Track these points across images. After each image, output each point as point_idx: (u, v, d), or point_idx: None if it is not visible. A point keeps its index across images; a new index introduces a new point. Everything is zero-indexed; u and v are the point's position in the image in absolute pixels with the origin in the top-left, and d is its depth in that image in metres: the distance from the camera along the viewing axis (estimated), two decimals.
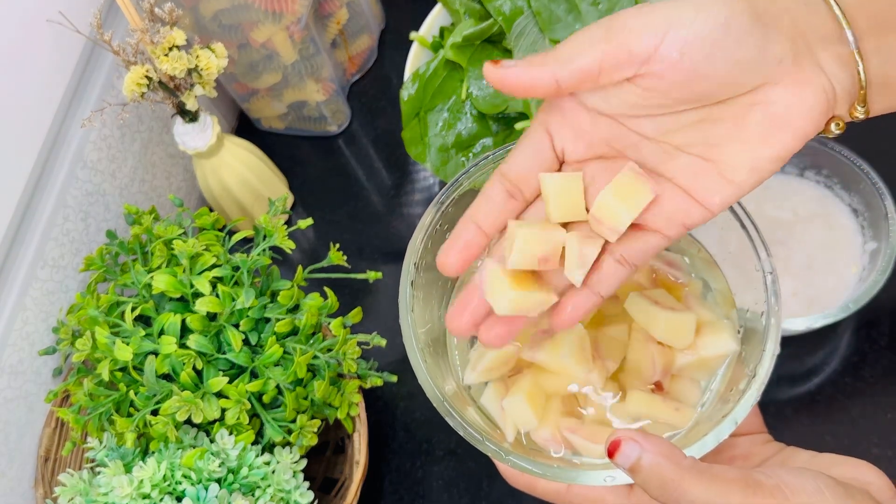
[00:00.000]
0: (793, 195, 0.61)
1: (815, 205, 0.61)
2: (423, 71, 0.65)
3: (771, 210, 0.60)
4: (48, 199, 0.60)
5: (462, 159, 0.63)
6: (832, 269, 0.58)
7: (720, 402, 0.40)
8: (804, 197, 0.61)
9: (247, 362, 0.53)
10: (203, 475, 0.50)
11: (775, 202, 0.60)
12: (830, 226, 0.60)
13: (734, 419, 0.36)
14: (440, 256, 0.39)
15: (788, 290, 0.56)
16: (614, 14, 0.34)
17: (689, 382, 0.43)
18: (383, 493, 0.63)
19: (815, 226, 0.60)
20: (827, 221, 0.60)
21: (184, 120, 0.65)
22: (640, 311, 0.42)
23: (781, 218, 0.60)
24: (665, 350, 0.42)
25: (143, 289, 0.55)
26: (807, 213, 0.60)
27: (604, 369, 0.42)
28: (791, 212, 0.60)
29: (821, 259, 0.58)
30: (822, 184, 0.61)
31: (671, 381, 0.42)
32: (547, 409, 0.43)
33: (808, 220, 0.60)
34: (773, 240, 0.56)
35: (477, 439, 0.40)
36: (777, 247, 0.57)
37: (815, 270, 0.58)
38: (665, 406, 0.41)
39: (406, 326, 0.45)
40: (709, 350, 0.41)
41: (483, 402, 0.45)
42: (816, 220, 0.60)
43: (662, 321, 0.41)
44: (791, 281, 0.57)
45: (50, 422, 0.61)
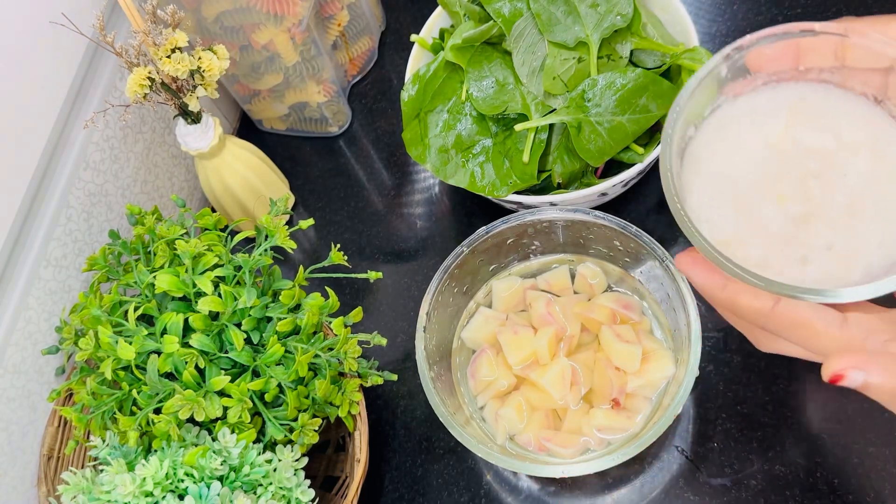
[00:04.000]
0: (833, 113, 0.46)
1: (862, 126, 0.46)
2: (423, 72, 0.65)
3: (804, 133, 0.46)
4: (51, 200, 0.61)
5: (462, 160, 0.63)
6: (883, 215, 0.44)
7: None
8: (848, 116, 0.46)
9: (248, 361, 0.53)
10: (205, 473, 0.50)
11: (810, 121, 0.46)
12: (882, 154, 0.45)
13: (673, 412, 0.51)
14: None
15: (822, 243, 0.43)
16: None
17: (640, 398, 0.57)
18: (384, 491, 0.64)
19: (861, 155, 0.45)
20: (876, 149, 0.45)
21: (186, 121, 0.65)
22: (605, 341, 0.57)
23: (817, 143, 0.45)
24: (621, 374, 0.56)
25: (146, 288, 0.56)
26: (854, 137, 0.46)
27: (578, 392, 0.57)
28: (831, 135, 0.45)
29: (867, 200, 0.44)
30: (871, 98, 0.45)
31: (626, 398, 0.56)
32: (531, 419, 0.57)
33: (855, 148, 0.45)
34: (807, 172, 0.44)
35: (472, 443, 0.52)
36: (811, 181, 0.44)
37: (860, 216, 0.43)
38: (618, 417, 0.56)
39: (421, 360, 0.56)
40: (653, 374, 0.56)
41: (484, 414, 0.59)
42: (862, 147, 0.46)
43: (617, 351, 0.56)
44: (826, 230, 0.42)
45: (53, 420, 0.61)
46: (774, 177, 0.43)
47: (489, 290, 0.63)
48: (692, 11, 0.75)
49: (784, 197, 0.43)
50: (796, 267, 0.41)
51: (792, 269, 0.41)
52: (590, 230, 0.59)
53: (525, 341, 0.58)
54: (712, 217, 0.43)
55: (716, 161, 0.44)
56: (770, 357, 0.60)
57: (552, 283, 0.62)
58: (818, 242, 0.42)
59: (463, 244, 0.58)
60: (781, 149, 0.44)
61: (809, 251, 0.42)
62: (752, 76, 0.45)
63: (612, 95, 0.58)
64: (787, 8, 0.75)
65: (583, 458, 0.55)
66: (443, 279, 0.58)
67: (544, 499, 0.60)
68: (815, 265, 0.41)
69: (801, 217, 0.42)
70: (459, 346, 0.62)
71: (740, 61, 0.44)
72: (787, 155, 0.44)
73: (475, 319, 0.62)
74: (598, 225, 0.58)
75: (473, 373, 0.60)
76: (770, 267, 0.41)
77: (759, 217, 0.42)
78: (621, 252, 0.59)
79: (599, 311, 0.58)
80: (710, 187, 0.43)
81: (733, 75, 0.44)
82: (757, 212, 0.42)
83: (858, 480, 0.55)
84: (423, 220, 0.75)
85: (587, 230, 0.59)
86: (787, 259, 0.42)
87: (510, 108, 0.61)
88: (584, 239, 0.60)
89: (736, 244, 0.42)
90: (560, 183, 0.63)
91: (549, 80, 0.60)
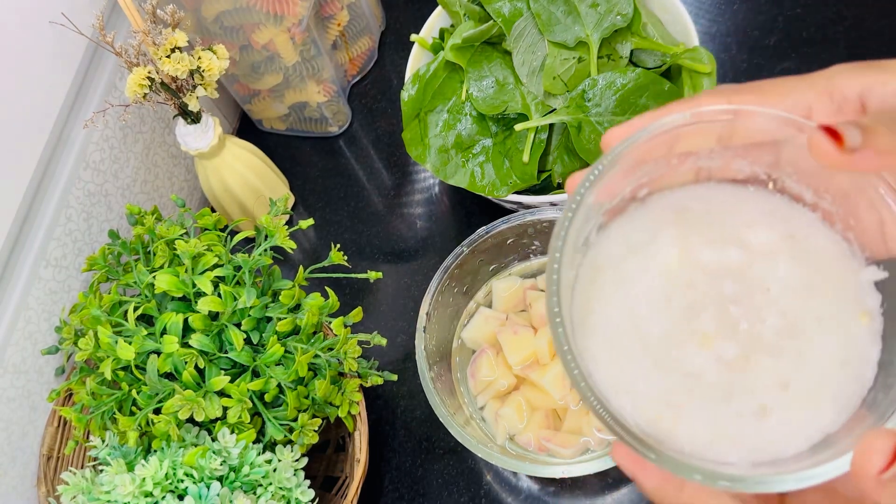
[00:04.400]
0: (729, 217, 0.35)
1: (768, 224, 0.35)
2: (423, 72, 0.65)
3: (703, 252, 0.34)
4: (51, 200, 0.61)
5: (462, 159, 0.63)
6: (830, 326, 0.33)
7: None
8: (748, 216, 0.35)
9: (248, 361, 0.53)
10: (205, 473, 0.50)
11: (706, 235, 0.35)
12: (803, 252, 0.34)
13: None
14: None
15: (775, 382, 0.32)
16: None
17: None
18: (384, 491, 0.64)
19: (780, 260, 0.34)
20: (795, 248, 0.34)
21: (186, 121, 0.65)
22: None
23: (723, 261, 0.34)
24: None
25: (146, 288, 0.56)
26: (761, 240, 0.35)
27: (577, 393, 0.45)
28: (736, 246, 0.35)
29: (806, 313, 0.33)
30: (763, 180, 0.35)
31: None
32: (531, 419, 0.57)
33: (767, 253, 0.34)
34: (724, 299, 0.33)
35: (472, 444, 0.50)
36: (732, 310, 0.33)
37: (804, 335, 0.33)
38: None
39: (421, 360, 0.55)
40: None
41: (484, 414, 0.59)
42: (778, 250, 0.34)
43: None
44: (772, 363, 0.32)
45: (52, 420, 0.61)
46: (688, 316, 0.34)
47: (489, 290, 0.63)
48: (692, 11, 0.75)
49: (708, 337, 0.33)
50: (754, 424, 0.32)
51: (751, 430, 0.32)
52: None
53: (525, 341, 0.58)
54: (631, 388, 0.33)
55: (611, 316, 0.34)
56: None
57: None
58: (770, 383, 0.32)
59: (463, 244, 0.58)
60: (685, 279, 0.34)
61: (764, 398, 0.32)
62: (611, 190, 0.34)
63: (613, 95, 0.58)
64: (787, 8, 0.75)
65: (583, 458, 0.55)
66: (443, 279, 0.58)
67: (544, 499, 0.60)
68: (776, 414, 0.32)
69: (739, 357, 0.33)
70: (459, 346, 0.62)
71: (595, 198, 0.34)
72: (693, 285, 0.34)
73: (475, 319, 0.62)
74: None
75: (473, 373, 0.60)
76: (724, 434, 0.32)
77: (688, 371, 0.33)
78: None
79: None
80: (616, 351, 0.34)
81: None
82: (683, 365, 0.33)
83: None
84: (423, 220, 0.75)
85: None
86: (740, 417, 0.32)
87: (510, 108, 0.61)
88: None
89: (672, 417, 0.33)
90: (560, 183, 0.63)
91: (549, 79, 0.60)
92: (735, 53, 0.74)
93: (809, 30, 0.73)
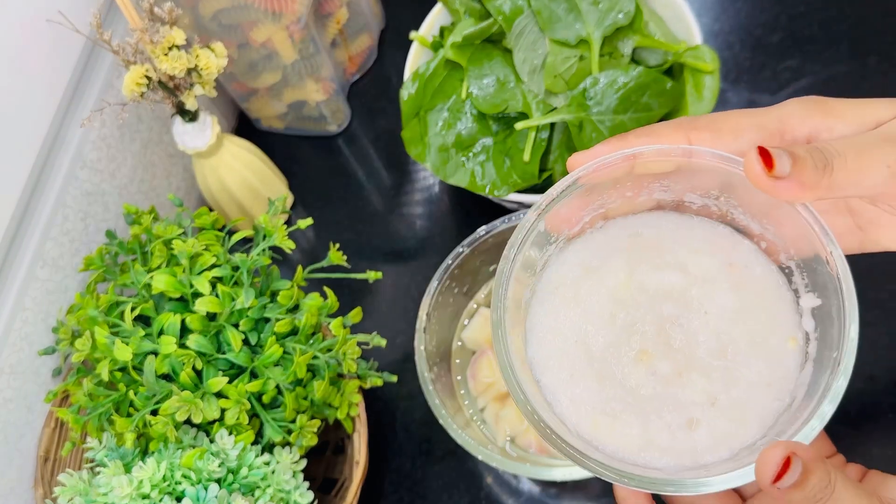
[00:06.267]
0: (675, 244, 0.39)
1: (710, 252, 0.38)
2: (423, 70, 0.64)
3: (648, 275, 0.38)
4: (47, 199, 0.60)
5: (462, 159, 0.63)
6: (758, 349, 0.36)
7: None
8: (692, 244, 0.39)
9: (246, 362, 0.53)
10: (203, 475, 0.49)
11: (652, 260, 0.38)
12: (741, 281, 0.38)
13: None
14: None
15: (704, 398, 0.35)
16: None
17: None
18: (383, 494, 0.63)
19: (718, 286, 0.38)
20: (733, 277, 0.38)
21: (183, 119, 0.65)
22: None
23: (665, 284, 0.38)
24: None
25: (143, 289, 0.55)
26: (702, 267, 0.38)
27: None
28: (678, 271, 0.38)
29: (739, 337, 0.36)
30: (713, 212, 0.38)
31: None
32: None
33: (707, 280, 0.38)
34: (663, 319, 0.36)
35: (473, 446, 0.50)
36: (670, 330, 0.36)
37: (734, 357, 0.36)
38: None
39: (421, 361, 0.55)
40: None
41: (485, 416, 0.58)
42: (717, 277, 0.38)
43: None
44: (702, 381, 0.36)
45: (49, 422, 0.60)
46: (629, 333, 0.37)
47: (489, 290, 0.63)
48: (695, 9, 0.75)
49: (646, 353, 0.37)
50: (684, 435, 0.35)
51: (680, 440, 0.35)
52: None
53: None
54: (574, 394, 0.37)
55: (562, 329, 0.38)
56: None
57: None
58: (698, 399, 0.36)
59: (463, 244, 0.58)
60: (629, 299, 0.38)
61: (692, 412, 0.35)
62: (571, 218, 0.39)
63: (614, 94, 0.58)
64: (790, 6, 0.74)
65: None
66: (443, 279, 0.57)
67: (545, 501, 0.60)
68: (703, 427, 0.35)
69: (672, 373, 0.36)
70: (459, 347, 0.61)
71: (557, 207, 0.37)
72: (637, 304, 0.37)
73: (475, 320, 0.61)
74: None
75: (474, 374, 0.59)
76: (654, 443, 0.35)
77: (625, 383, 0.37)
78: None
79: None
80: (564, 360, 0.37)
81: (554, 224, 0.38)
82: (621, 377, 0.37)
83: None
84: (423, 219, 0.74)
85: None
86: (669, 428, 0.35)
87: (511, 107, 0.61)
88: None
89: (608, 421, 0.36)
90: None
91: (550, 78, 0.59)
92: (738, 51, 0.73)
93: (812, 28, 0.73)
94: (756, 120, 0.36)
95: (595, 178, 0.36)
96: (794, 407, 0.34)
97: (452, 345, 0.61)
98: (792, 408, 0.35)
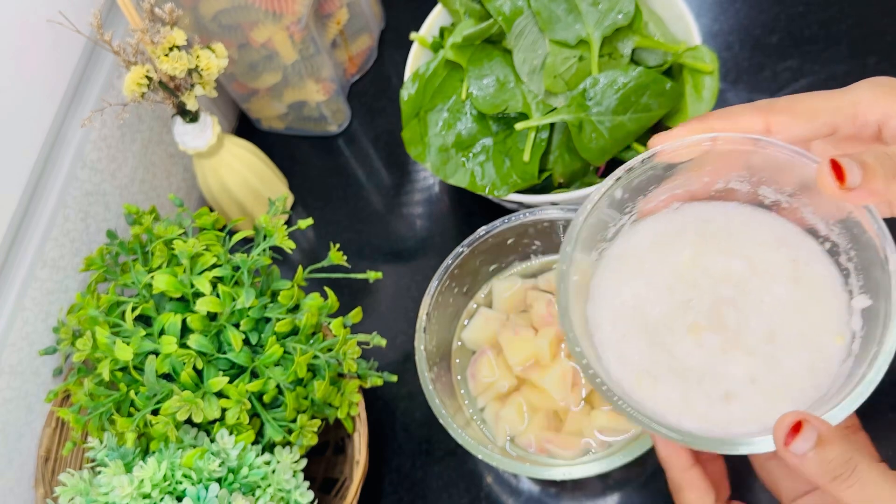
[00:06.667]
0: (742, 233, 0.42)
1: (776, 248, 0.41)
2: (423, 71, 0.65)
3: (714, 259, 0.41)
4: (48, 199, 0.60)
5: (462, 159, 0.63)
6: (805, 340, 0.39)
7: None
8: (760, 237, 0.42)
9: (247, 362, 0.53)
10: (203, 475, 0.50)
11: (719, 246, 0.42)
12: (801, 278, 0.40)
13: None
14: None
15: (745, 375, 0.38)
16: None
17: None
18: (383, 493, 0.63)
19: (779, 280, 0.40)
20: (795, 273, 0.40)
21: (184, 120, 0.65)
22: None
23: (730, 269, 0.41)
24: None
25: (144, 289, 0.55)
26: (765, 259, 0.41)
27: (579, 393, 0.56)
28: (743, 260, 0.41)
29: (789, 327, 0.39)
30: (784, 208, 0.42)
31: None
32: (532, 420, 0.57)
33: (767, 271, 0.41)
34: (720, 300, 0.40)
35: (473, 446, 0.51)
36: (725, 310, 0.39)
37: (782, 344, 0.39)
38: (620, 418, 0.53)
39: (421, 361, 0.55)
40: None
41: (485, 415, 0.58)
42: (779, 272, 0.41)
43: None
44: (748, 360, 0.39)
45: (50, 422, 0.61)
46: (686, 307, 0.40)
47: (489, 290, 0.63)
48: (694, 9, 0.75)
49: (699, 327, 0.40)
50: (720, 406, 0.38)
51: (716, 409, 0.38)
52: None
53: (526, 342, 0.57)
54: (624, 352, 0.40)
55: (623, 293, 0.41)
56: None
57: (553, 283, 0.62)
58: (740, 375, 0.38)
59: (463, 244, 0.58)
60: (691, 277, 0.41)
61: (732, 386, 0.38)
62: (651, 196, 0.42)
63: (614, 94, 0.58)
64: (790, 6, 0.74)
65: (584, 459, 0.55)
66: (443, 279, 0.58)
67: (545, 501, 0.60)
68: (739, 402, 0.38)
69: (720, 349, 0.39)
70: (459, 346, 0.62)
71: (635, 181, 0.41)
72: (697, 283, 0.41)
73: (475, 320, 0.61)
74: None
75: (474, 374, 0.59)
76: (692, 408, 0.38)
77: (673, 350, 0.39)
78: None
79: None
80: (619, 321, 0.41)
81: (630, 196, 0.41)
82: (671, 345, 0.39)
83: None
84: (423, 219, 0.74)
85: None
86: (708, 397, 0.38)
87: (511, 107, 0.61)
88: None
89: (650, 381, 0.39)
90: (561, 182, 0.63)
91: (549, 78, 0.59)
92: (737, 52, 0.73)
93: (812, 28, 0.73)
94: (831, 103, 0.38)
95: (672, 157, 0.40)
96: (829, 395, 0.36)
97: (452, 345, 0.61)
98: (826, 396, 0.37)
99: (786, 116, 0.38)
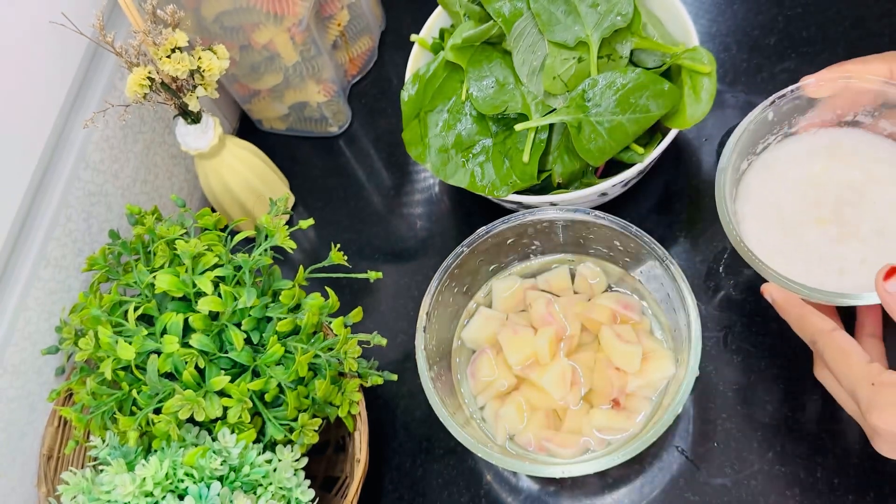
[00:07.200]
0: (864, 152, 0.55)
1: (889, 165, 0.55)
2: (423, 72, 0.65)
3: (840, 170, 0.55)
4: (51, 200, 0.61)
5: (462, 159, 0.63)
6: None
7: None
8: (877, 156, 0.55)
9: (248, 361, 0.53)
10: (205, 473, 0.50)
11: (845, 161, 0.55)
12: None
13: (673, 412, 0.50)
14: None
15: (857, 258, 0.51)
16: None
17: (640, 398, 0.57)
18: (384, 491, 0.64)
19: (889, 188, 0.54)
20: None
21: (186, 121, 0.65)
22: (605, 342, 0.57)
23: (852, 178, 0.55)
24: (621, 374, 0.56)
25: (146, 288, 0.56)
26: (881, 173, 0.54)
27: (578, 392, 0.57)
28: (862, 171, 0.54)
29: (894, 224, 0.53)
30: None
31: (626, 398, 0.56)
32: (531, 419, 0.57)
33: (882, 181, 0.54)
34: (842, 201, 0.53)
35: (473, 444, 0.52)
36: (845, 208, 0.53)
37: (888, 236, 0.52)
38: (619, 417, 0.56)
39: (421, 360, 0.55)
40: (653, 374, 0.56)
41: (484, 414, 0.59)
42: (889, 181, 0.54)
43: (617, 352, 0.56)
44: (860, 246, 0.52)
45: (53, 420, 0.61)
46: (815, 205, 0.53)
47: (489, 290, 0.63)
48: (692, 11, 0.75)
49: (823, 220, 0.53)
50: (834, 278, 0.51)
51: (831, 280, 0.51)
52: (590, 230, 0.59)
53: (525, 341, 0.58)
54: (762, 238, 0.53)
55: (765, 193, 0.55)
56: (770, 357, 0.60)
57: (552, 283, 0.62)
58: (853, 257, 0.51)
59: (463, 244, 0.58)
60: (821, 182, 0.54)
61: (846, 265, 0.51)
62: (794, 121, 0.56)
63: (613, 95, 0.58)
64: (787, 7, 0.75)
65: (583, 458, 0.55)
66: (443, 279, 0.58)
67: (544, 499, 0.60)
68: (850, 276, 0.51)
69: (838, 237, 0.52)
70: (459, 346, 0.62)
71: (784, 108, 0.54)
72: (825, 187, 0.54)
73: (475, 319, 0.62)
74: (598, 225, 0.58)
75: (473, 373, 0.60)
76: (812, 279, 0.50)
77: (802, 237, 0.52)
78: (621, 252, 0.59)
79: (599, 312, 0.59)
80: (761, 214, 0.54)
81: (778, 119, 0.55)
82: (801, 233, 0.53)
83: (859, 480, 0.55)
84: (423, 220, 0.75)
85: (587, 230, 0.59)
86: (826, 272, 0.51)
87: (510, 108, 0.61)
88: (585, 239, 0.60)
89: (781, 259, 0.52)
90: (560, 183, 0.63)
91: (549, 79, 0.60)
92: (735, 53, 0.74)
93: (810, 29, 0.73)
94: None
95: (815, 91, 0.53)
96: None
97: (452, 344, 0.62)
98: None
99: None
